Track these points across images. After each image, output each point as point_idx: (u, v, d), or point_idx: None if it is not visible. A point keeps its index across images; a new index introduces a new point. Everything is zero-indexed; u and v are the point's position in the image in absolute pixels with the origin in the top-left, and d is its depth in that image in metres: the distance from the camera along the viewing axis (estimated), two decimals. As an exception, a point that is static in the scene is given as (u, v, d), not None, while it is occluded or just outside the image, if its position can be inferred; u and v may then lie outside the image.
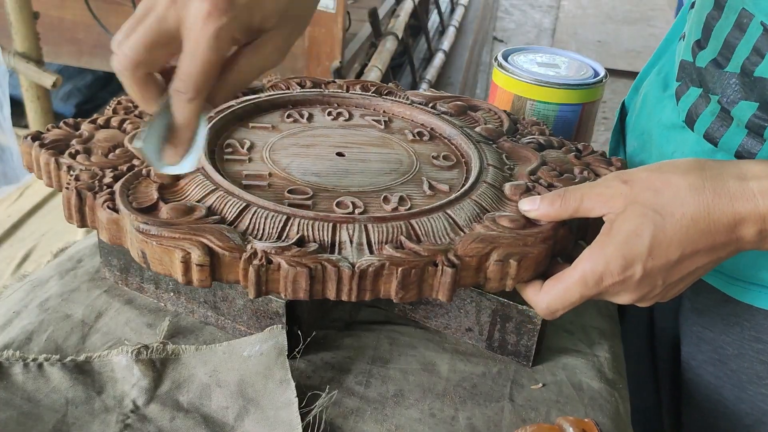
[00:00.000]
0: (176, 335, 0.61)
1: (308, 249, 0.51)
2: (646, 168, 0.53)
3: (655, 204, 0.49)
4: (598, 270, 0.50)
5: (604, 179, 0.54)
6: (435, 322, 0.64)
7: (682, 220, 0.49)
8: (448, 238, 0.54)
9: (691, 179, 0.49)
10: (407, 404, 0.56)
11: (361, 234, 0.53)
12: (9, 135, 1.99)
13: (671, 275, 0.51)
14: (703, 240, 0.49)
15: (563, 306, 0.53)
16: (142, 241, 0.51)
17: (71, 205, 0.55)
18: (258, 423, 0.52)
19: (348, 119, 0.72)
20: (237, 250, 0.50)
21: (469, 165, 0.65)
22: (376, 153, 0.66)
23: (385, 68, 2.14)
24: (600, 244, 0.51)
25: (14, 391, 0.53)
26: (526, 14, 4.97)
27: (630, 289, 0.51)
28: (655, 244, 0.49)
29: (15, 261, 1.29)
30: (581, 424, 0.49)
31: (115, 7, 2.19)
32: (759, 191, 0.48)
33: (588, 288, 0.51)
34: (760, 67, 0.57)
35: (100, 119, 0.66)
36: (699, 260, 0.50)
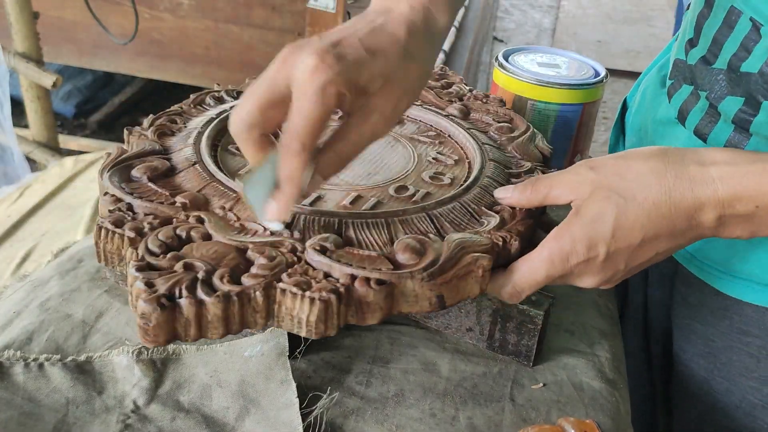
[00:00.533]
0: (177, 335, 0.61)
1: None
2: (612, 156, 0.54)
3: (619, 188, 0.50)
4: (566, 249, 0.51)
5: (574, 167, 0.55)
6: (435, 321, 0.64)
7: (644, 203, 0.50)
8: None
9: (654, 164, 0.51)
10: (408, 404, 0.56)
11: (428, 225, 0.55)
12: (9, 135, 1.99)
13: (633, 258, 0.52)
14: (665, 224, 0.50)
15: (529, 285, 0.53)
16: (440, 286, 0.50)
17: (331, 315, 0.47)
18: (259, 423, 0.52)
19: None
20: (491, 245, 0.53)
21: (472, 166, 0.65)
22: (378, 151, 0.66)
23: (385, 68, 2.14)
24: (567, 225, 0.52)
25: (15, 391, 0.53)
26: (526, 14, 4.97)
27: (594, 271, 0.52)
28: (617, 226, 0.50)
29: (15, 261, 1.29)
30: (582, 425, 0.49)
31: (115, 7, 2.19)
32: (718, 177, 0.49)
33: (554, 266, 0.52)
34: (746, 63, 0.59)
35: (151, 245, 0.49)
36: (660, 245, 0.51)
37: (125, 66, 2.37)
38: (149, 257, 0.48)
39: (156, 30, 2.24)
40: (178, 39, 2.25)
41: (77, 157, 1.68)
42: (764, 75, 0.58)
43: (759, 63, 0.58)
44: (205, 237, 0.51)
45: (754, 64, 0.58)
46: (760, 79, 0.58)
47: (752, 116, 0.60)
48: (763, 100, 0.58)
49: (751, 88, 0.59)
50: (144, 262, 0.47)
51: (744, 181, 0.49)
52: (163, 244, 0.49)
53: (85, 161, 1.64)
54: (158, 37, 2.25)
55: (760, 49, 0.58)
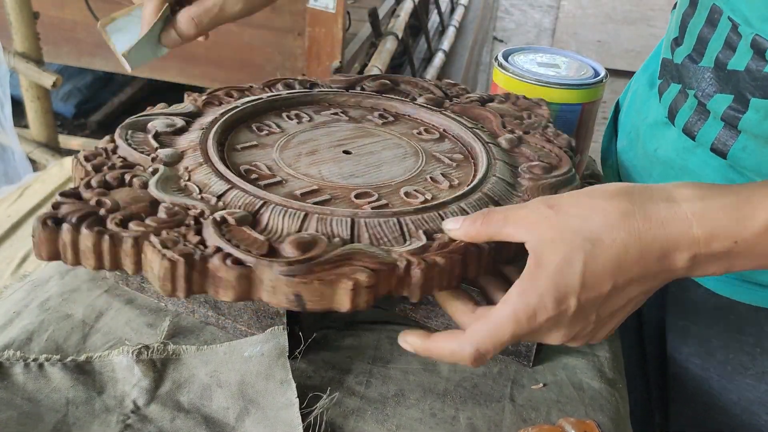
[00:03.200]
0: (177, 335, 0.61)
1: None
2: (571, 194, 0.50)
3: (584, 231, 0.46)
4: (531, 305, 0.46)
5: (529, 203, 0.50)
6: (435, 321, 0.64)
7: (612, 247, 0.45)
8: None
9: (621, 205, 0.46)
10: (408, 404, 0.56)
11: (418, 226, 0.54)
12: (10, 135, 1.99)
13: (604, 308, 0.48)
14: (636, 268, 0.46)
15: (494, 347, 0.47)
16: (298, 284, 0.47)
17: (177, 276, 0.47)
18: (259, 423, 0.52)
19: (353, 118, 0.72)
20: (388, 264, 0.48)
21: (477, 166, 0.64)
22: (383, 150, 0.66)
23: (385, 68, 2.14)
24: (530, 278, 0.46)
25: (15, 391, 0.53)
26: (526, 14, 4.97)
27: (563, 325, 0.47)
28: (587, 273, 0.45)
29: (15, 261, 1.29)
30: (583, 426, 0.49)
31: (115, 7, 2.19)
32: (692, 214, 0.46)
33: (520, 325, 0.46)
34: (732, 61, 0.58)
35: (81, 183, 0.54)
36: (632, 291, 0.47)
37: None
38: (84, 189, 0.53)
39: (156, 30, 2.24)
40: (178, 39, 2.25)
41: (77, 157, 1.67)
42: (751, 72, 0.57)
43: (744, 61, 0.58)
44: (143, 186, 0.54)
45: (740, 62, 0.58)
46: (747, 76, 0.58)
47: (741, 113, 0.59)
48: (751, 97, 0.58)
49: (740, 86, 0.58)
50: (75, 190, 0.53)
51: (720, 216, 0.46)
52: (104, 182, 0.54)
53: (85, 161, 1.64)
54: (158, 37, 2.25)
55: (743, 47, 0.58)
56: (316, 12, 1.96)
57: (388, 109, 0.75)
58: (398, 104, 0.75)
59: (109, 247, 0.49)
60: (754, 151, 0.60)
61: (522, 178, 0.62)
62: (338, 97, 0.75)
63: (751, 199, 0.46)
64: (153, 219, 0.50)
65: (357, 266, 0.48)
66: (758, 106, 0.58)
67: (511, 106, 0.75)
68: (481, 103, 0.75)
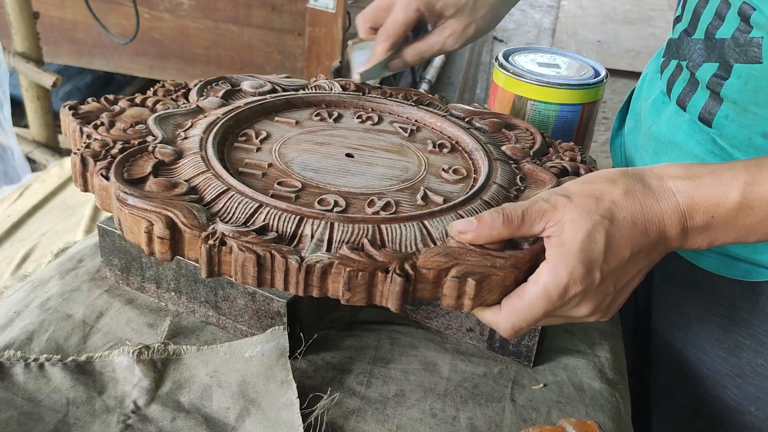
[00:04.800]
0: (177, 335, 0.61)
1: (264, 237, 0.51)
2: (577, 181, 0.54)
3: (600, 210, 0.50)
4: (563, 281, 0.49)
5: (540, 196, 0.53)
6: (436, 322, 0.64)
7: (624, 222, 0.51)
8: (415, 248, 0.52)
9: (623, 185, 0.52)
10: (408, 404, 0.56)
11: (324, 231, 0.53)
12: (10, 135, 1.99)
13: (620, 279, 0.52)
14: (643, 240, 0.51)
15: (528, 323, 0.51)
16: (118, 209, 0.53)
17: (75, 170, 0.59)
18: (259, 424, 0.52)
19: (375, 123, 0.72)
20: (198, 228, 0.51)
21: (477, 181, 0.63)
22: (386, 158, 0.66)
23: (385, 68, 2.14)
24: (557, 256, 0.50)
25: (15, 391, 0.53)
26: (526, 14, 4.97)
27: (589, 298, 0.51)
28: (608, 246, 0.50)
29: (15, 261, 1.29)
30: (583, 426, 0.49)
31: (115, 7, 2.19)
32: (676, 190, 0.51)
33: (552, 302, 0.50)
34: (720, 30, 0.62)
35: (138, 98, 0.69)
36: (640, 261, 0.52)
37: (125, 66, 2.37)
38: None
39: (156, 30, 2.24)
40: (178, 39, 2.25)
41: (77, 157, 1.67)
42: (736, 39, 0.61)
43: (731, 29, 0.61)
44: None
45: (727, 30, 0.61)
46: (732, 43, 0.61)
47: (724, 80, 0.62)
48: (734, 63, 0.61)
49: (725, 53, 0.62)
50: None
51: (698, 194, 0.51)
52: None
53: (85, 161, 1.64)
54: (158, 37, 2.25)
55: (731, 15, 0.61)
56: (316, 12, 1.96)
57: (419, 120, 0.74)
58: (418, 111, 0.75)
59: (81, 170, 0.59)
60: (734, 119, 0.63)
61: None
62: (378, 104, 0.76)
63: (726, 179, 0.51)
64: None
65: (162, 215, 0.52)
66: (740, 72, 0.61)
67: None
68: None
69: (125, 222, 0.53)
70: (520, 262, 0.52)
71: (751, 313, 0.67)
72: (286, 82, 0.78)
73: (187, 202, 0.53)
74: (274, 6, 2.10)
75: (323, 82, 0.79)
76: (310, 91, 0.76)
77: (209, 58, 2.25)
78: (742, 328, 0.69)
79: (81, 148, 0.59)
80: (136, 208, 0.52)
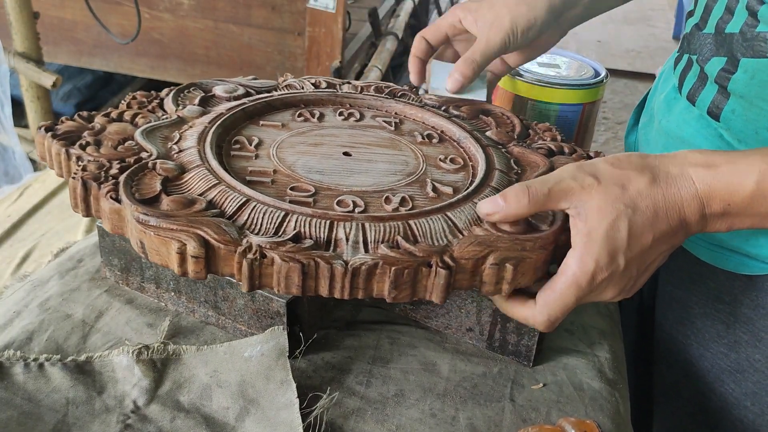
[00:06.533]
0: (177, 335, 0.61)
1: (303, 245, 0.51)
2: (606, 161, 0.55)
3: (624, 199, 0.52)
4: (590, 269, 0.52)
5: (567, 171, 0.54)
6: (436, 322, 0.64)
7: (646, 211, 0.52)
8: (446, 240, 0.53)
9: (649, 175, 0.53)
10: (408, 404, 0.56)
11: (357, 232, 0.53)
12: (10, 134, 1.99)
13: (643, 262, 0.54)
14: (664, 226, 0.53)
15: (562, 312, 0.54)
16: (140, 231, 0.51)
17: (77, 195, 0.56)
18: (259, 423, 0.52)
19: (359, 120, 0.72)
20: (233, 243, 0.50)
21: (476, 168, 0.64)
22: (383, 154, 0.66)
23: (385, 68, 2.14)
24: (583, 245, 0.52)
25: (15, 391, 0.53)
26: (526, 14, 4.96)
27: (614, 282, 0.54)
28: (631, 235, 0.52)
29: (15, 261, 1.29)
30: (583, 426, 0.49)
31: (115, 7, 2.19)
32: (695, 178, 0.53)
33: (581, 289, 0.53)
34: (730, 24, 0.63)
35: (114, 113, 0.67)
36: (662, 246, 0.54)
37: (125, 66, 2.37)
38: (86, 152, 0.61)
39: (156, 30, 2.24)
40: (178, 39, 2.25)
41: (77, 157, 1.67)
42: (744, 34, 0.62)
43: (740, 23, 0.62)
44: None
45: (736, 25, 0.63)
46: (740, 37, 0.62)
47: (731, 74, 0.63)
48: (742, 58, 0.62)
49: (733, 48, 0.63)
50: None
51: (715, 182, 0.53)
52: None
53: (85, 161, 1.63)
54: (158, 37, 2.25)
55: (740, 9, 0.62)
56: (316, 12, 1.96)
57: (399, 113, 0.75)
58: (405, 107, 0.75)
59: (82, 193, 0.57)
60: (741, 114, 0.64)
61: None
62: (356, 100, 0.76)
63: (742, 167, 0.52)
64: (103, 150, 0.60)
65: (193, 234, 0.50)
66: (747, 66, 0.62)
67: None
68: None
69: (150, 244, 0.51)
70: (547, 243, 0.54)
71: (752, 308, 0.68)
72: (256, 83, 0.77)
73: (212, 217, 0.52)
74: (274, 6, 2.10)
75: (292, 81, 0.78)
76: (286, 92, 0.75)
77: (209, 58, 2.25)
78: (743, 324, 0.69)
79: (78, 172, 0.57)
80: (163, 229, 0.51)
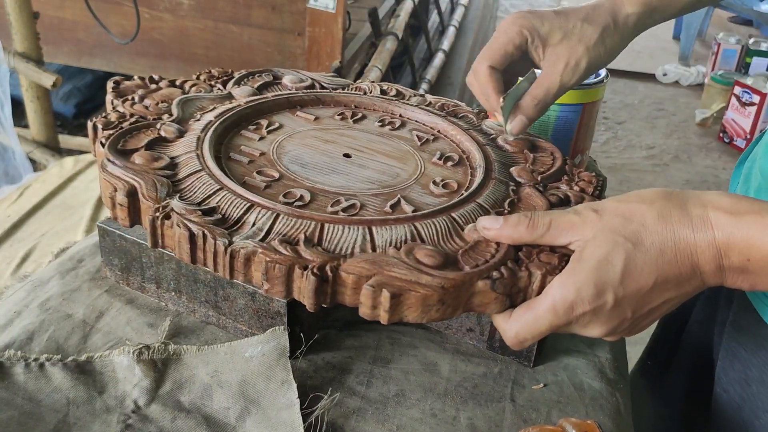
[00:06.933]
0: (177, 335, 0.61)
1: (207, 218, 0.53)
2: (614, 198, 0.52)
3: (625, 231, 0.48)
4: (569, 298, 0.48)
5: (574, 208, 0.52)
6: (436, 322, 0.64)
7: (651, 248, 0.48)
8: (351, 251, 0.52)
9: (659, 208, 0.49)
10: (408, 404, 0.56)
11: (267, 221, 0.54)
12: (10, 134, 1.99)
13: (641, 306, 0.49)
14: (671, 270, 0.48)
15: (532, 335, 0.50)
16: (101, 174, 0.57)
17: (90, 137, 0.64)
18: (259, 423, 0.52)
19: (394, 129, 0.72)
20: (154, 200, 0.54)
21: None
22: (381, 162, 0.65)
23: (385, 68, 2.14)
24: (570, 272, 0.49)
25: (15, 391, 0.53)
26: (526, 14, 4.96)
27: (601, 320, 0.49)
28: (626, 271, 0.48)
29: (15, 261, 1.29)
30: (583, 426, 0.49)
31: (115, 7, 2.19)
32: (715, 223, 0.47)
33: (558, 317, 0.49)
34: None
35: (179, 81, 0.73)
36: (667, 293, 0.49)
37: (125, 66, 2.37)
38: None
39: (156, 30, 2.24)
40: (178, 39, 2.25)
41: (77, 157, 1.68)
42: None
43: None
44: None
45: None
46: None
47: None
48: None
49: None
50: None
51: (736, 232, 0.47)
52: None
53: (85, 161, 1.64)
54: (158, 37, 2.25)
55: None
56: (316, 12, 1.96)
57: (441, 131, 0.73)
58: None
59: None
60: None
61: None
62: (406, 111, 0.75)
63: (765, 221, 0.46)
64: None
65: (127, 184, 0.56)
66: None
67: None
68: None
69: (102, 186, 0.57)
70: (448, 283, 0.49)
71: None
72: (329, 80, 0.79)
73: (157, 175, 0.56)
74: (274, 6, 2.10)
75: (366, 84, 0.79)
76: (345, 91, 0.77)
77: (209, 58, 2.25)
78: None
79: (98, 118, 0.63)
80: (111, 174, 0.56)
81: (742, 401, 0.68)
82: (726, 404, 0.70)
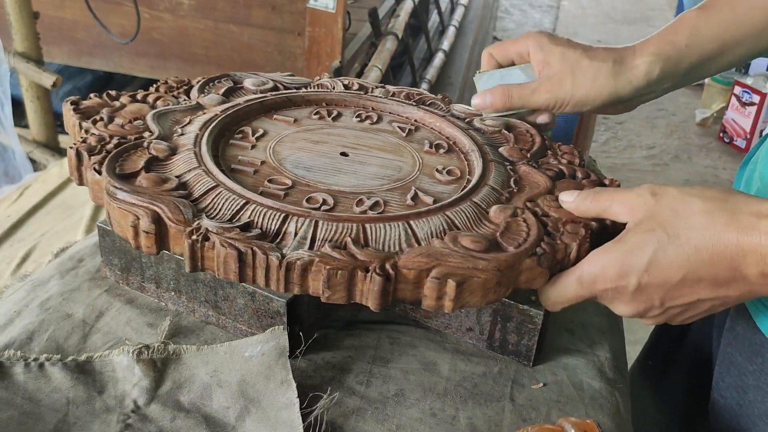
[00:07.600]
0: (177, 335, 0.61)
1: (248, 234, 0.51)
2: (678, 188, 0.53)
3: (667, 223, 0.50)
4: (593, 272, 0.52)
5: (638, 188, 0.54)
6: (436, 321, 0.64)
7: (685, 245, 0.49)
8: (398, 248, 0.52)
9: (710, 206, 0.49)
10: (408, 404, 0.56)
11: (308, 229, 0.53)
12: (10, 134, 1.99)
13: (671, 297, 0.51)
14: (706, 270, 0.49)
15: (560, 300, 0.55)
16: (108, 203, 0.55)
17: (72, 164, 0.60)
18: (259, 423, 0.52)
19: (374, 123, 0.72)
20: (183, 223, 0.52)
21: (470, 182, 0.63)
22: (380, 157, 0.66)
23: (385, 68, 2.14)
24: (605, 249, 0.52)
25: (15, 390, 0.53)
26: (526, 14, 4.96)
27: (624, 299, 0.52)
28: (654, 260, 0.50)
29: (15, 261, 1.29)
30: (583, 425, 0.49)
31: (115, 7, 2.19)
32: (765, 231, 0.47)
33: (582, 287, 0.53)
34: None
35: (140, 95, 0.70)
36: (702, 291, 0.50)
37: (125, 66, 2.37)
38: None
39: (156, 30, 2.24)
40: (178, 39, 2.25)
41: (77, 157, 1.67)
42: None
43: None
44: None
45: None
46: None
47: None
48: None
49: None
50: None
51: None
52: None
53: (85, 161, 1.63)
54: (158, 37, 2.25)
55: None
56: (316, 12, 1.96)
57: (418, 120, 0.74)
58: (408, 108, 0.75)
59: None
60: None
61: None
62: (378, 104, 0.76)
63: None
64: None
65: (149, 210, 0.53)
66: None
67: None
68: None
69: (113, 215, 0.54)
70: (502, 265, 0.51)
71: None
72: (289, 80, 0.78)
73: (175, 197, 0.54)
74: (274, 6, 2.10)
75: (326, 80, 0.79)
76: (312, 90, 0.76)
77: (209, 58, 2.25)
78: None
79: (77, 143, 0.60)
80: (125, 202, 0.53)
81: (739, 408, 0.69)
82: (723, 410, 0.71)
